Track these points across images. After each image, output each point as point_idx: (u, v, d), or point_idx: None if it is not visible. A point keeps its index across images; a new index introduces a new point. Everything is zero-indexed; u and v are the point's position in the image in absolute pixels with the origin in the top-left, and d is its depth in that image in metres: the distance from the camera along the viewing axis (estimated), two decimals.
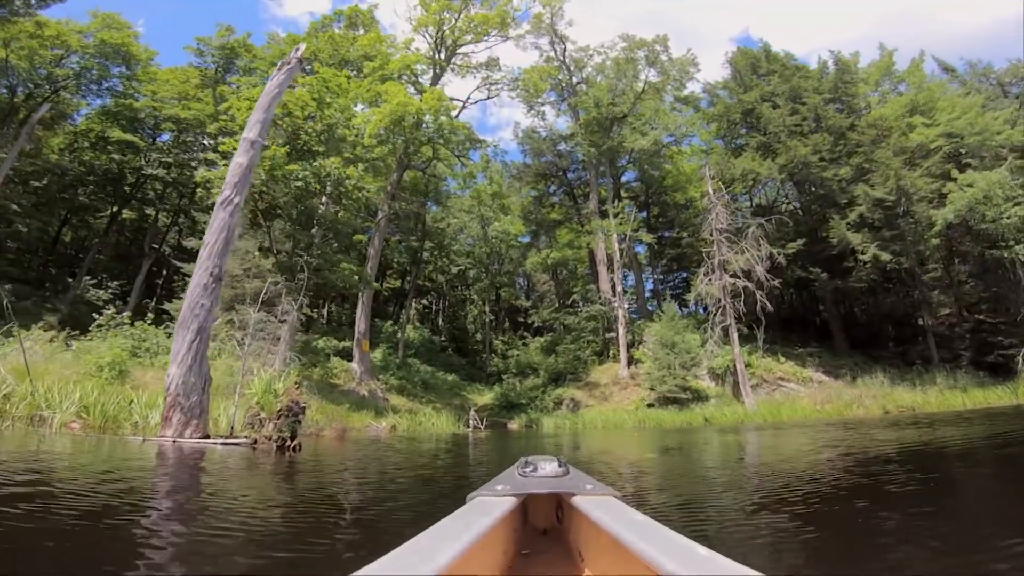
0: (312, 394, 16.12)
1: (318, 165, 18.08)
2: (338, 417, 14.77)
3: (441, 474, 6.47)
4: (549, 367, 27.34)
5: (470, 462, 8.27)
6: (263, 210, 18.75)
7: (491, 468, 6.63)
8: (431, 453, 9.71)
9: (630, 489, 4.55)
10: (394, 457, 8.56)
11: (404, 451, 9.85)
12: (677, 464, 7.56)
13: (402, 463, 7.68)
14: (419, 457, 8.79)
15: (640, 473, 6.40)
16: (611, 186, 33.11)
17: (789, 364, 23.67)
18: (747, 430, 15.31)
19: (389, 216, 25.65)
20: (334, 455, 8.54)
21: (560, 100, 35.55)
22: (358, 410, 16.82)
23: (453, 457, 9.19)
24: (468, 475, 6.49)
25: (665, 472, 6.68)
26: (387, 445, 10.99)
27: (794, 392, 22.20)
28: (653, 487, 5.16)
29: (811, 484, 4.60)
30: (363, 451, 9.40)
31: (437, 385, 29.11)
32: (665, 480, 5.86)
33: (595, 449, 10.63)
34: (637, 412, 21.74)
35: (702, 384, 23.29)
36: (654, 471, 6.65)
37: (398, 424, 16.15)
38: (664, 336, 22.79)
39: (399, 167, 26.82)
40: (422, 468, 7.03)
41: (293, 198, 18.48)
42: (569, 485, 1.61)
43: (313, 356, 22.12)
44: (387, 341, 33.66)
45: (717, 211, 23.95)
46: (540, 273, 42.43)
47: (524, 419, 23.21)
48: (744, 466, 6.85)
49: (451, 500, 2.43)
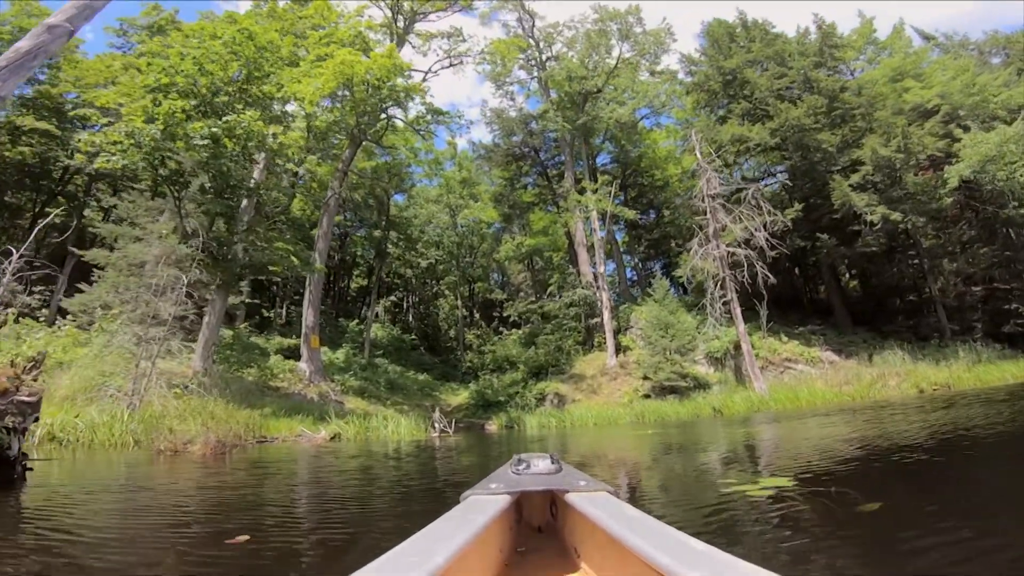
0: (223, 396, 12.08)
1: (231, 120, 14.05)
2: (254, 425, 10.79)
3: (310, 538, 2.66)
4: (529, 360, 23.62)
5: (403, 493, 4.51)
6: (168, 178, 14.59)
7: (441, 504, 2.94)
8: (355, 475, 5.92)
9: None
10: (265, 486, 4.74)
11: (309, 473, 6.04)
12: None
13: (238, 502, 3.88)
14: (321, 485, 5.01)
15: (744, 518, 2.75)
16: (586, 167, 29.66)
17: (793, 344, 20.44)
18: (771, 420, 11.87)
19: (341, 196, 21.52)
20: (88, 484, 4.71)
21: (530, 78, 32.05)
22: (294, 415, 12.85)
23: (387, 484, 5.41)
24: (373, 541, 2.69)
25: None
26: (289, 461, 7.13)
27: (804, 374, 18.93)
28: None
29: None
30: (194, 475, 5.56)
31: (406, 385, 25.15)
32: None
33: (604, 458, 6.97)
34: (632, 405, 18.16)
35: (699, 370, 19.87)
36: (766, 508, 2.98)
37: (344, 431, 12.22)
38: (658, 317, 19.29)
39: (352, 143, 22.86)
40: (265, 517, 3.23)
41: (204, 162, 14.39)
42: (563, 482, 1.52)
43: (246, 354, 17.96)
44: (352, 341, 29.63)
45: (708, 176, 20.63)
46: (514, 263, 38.75)
47: (503, 419, 19.44)
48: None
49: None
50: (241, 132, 14.54)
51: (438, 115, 24.35)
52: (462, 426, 20.13)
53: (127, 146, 14.00)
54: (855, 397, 16.07)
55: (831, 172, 22.22)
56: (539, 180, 31.17)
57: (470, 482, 1.67)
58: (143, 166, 14.55)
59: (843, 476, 3.93)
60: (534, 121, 30.87)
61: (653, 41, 30.51)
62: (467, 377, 28.22)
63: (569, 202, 24.54)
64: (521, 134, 30.00)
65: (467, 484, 1.67)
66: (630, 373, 20.66)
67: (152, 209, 16.89)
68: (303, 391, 17.34)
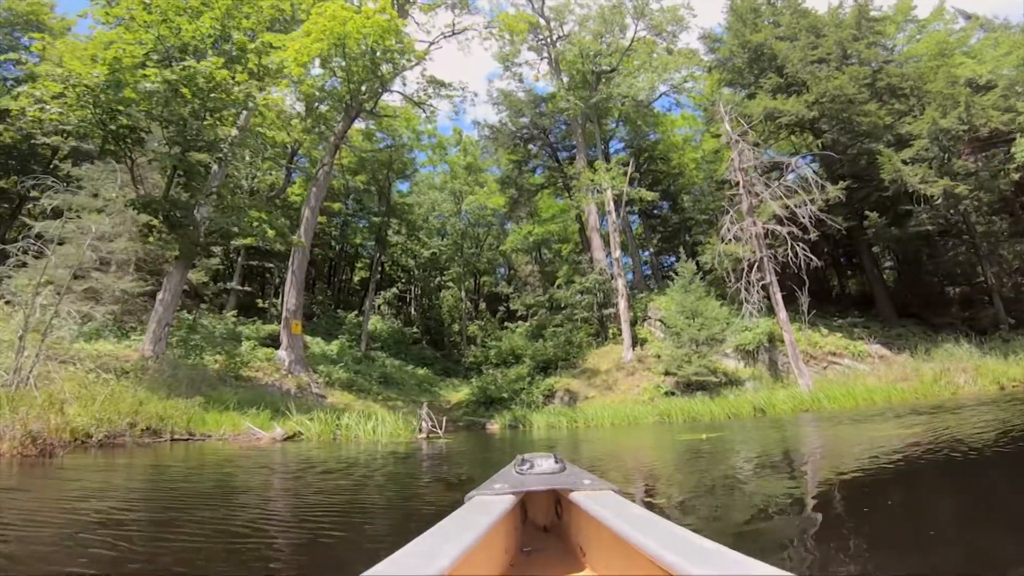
0: (169, 384, 9.51)
1: (190, 67, 11.48)
2: (182, 418, 8.17)
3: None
4: (536, 353, 20.87)
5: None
6: (118, 135, 12.02)
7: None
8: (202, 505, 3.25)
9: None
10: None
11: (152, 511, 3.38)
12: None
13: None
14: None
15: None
16: (600, 152, 26.89)
17: (835, 337, 17.56)
18: (848, 421, 9.10)
19: (339, 176, 18.93)
20: None
21: (540, 58, 29.39)
22: (256, 408, 10.22)
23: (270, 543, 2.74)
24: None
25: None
26: (144, 473, 4.48)
27: (851, 370, 16.06)
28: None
29: None
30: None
31: (402, 380, 22.51)
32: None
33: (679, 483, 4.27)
34: (654, 403, 15.38)
35: (728, 365, 17.03)
36: None
37: (307, 429, 9.55)
38: (683, 304, 16.50)
39: (346, 115, 20.31)
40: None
41: (159, 116, 11.84)
42: (567, 481, 1.47)
43: (210, 339, 15.39)
44: (350, 333, 27.09)
45: (741, 148, 17.85)
46: (521, 256, 36.05)
47: (507, 418, 16.75)
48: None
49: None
50: (202, 81, 12.01)
51: (439, 87, 21.82)
52: (461, 425, 17.45)
53: (72, 99, 11.50)
54: (920, 395, 13.19)
55: (878, 147, 19.35)
56: (549, 162, 28.40)
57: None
58: (92, 121, 12.00)
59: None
60: (544, 103, 28.22)
61: (670, 18, 27.75)
62: (470, 373, 25.56)
63: (582, 181, 21.78)
64: (530, 115, 27.30)
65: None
66: (649, 368, 17.86)
67: (105, 173, 14.36)
68: (279, 382, 14.73)
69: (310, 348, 22.46)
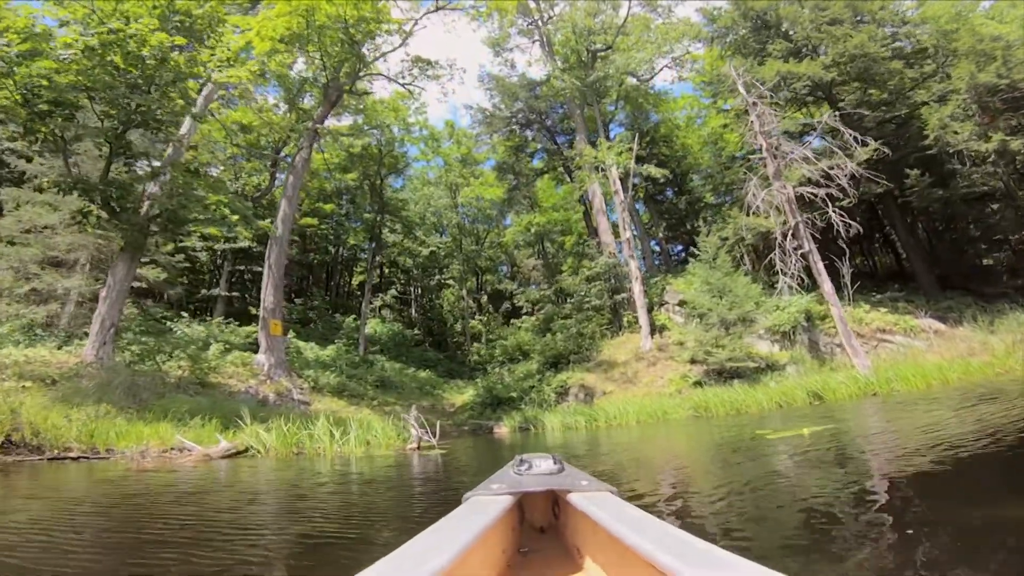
0: (105, 391, 7.29)
1: (116, 29, 9.30)
2: (81, 431, 5.94)
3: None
4: (545, 348, 18.58)
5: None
6: (45, 113, 9.81)
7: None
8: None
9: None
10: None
11: None
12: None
13: None
14: None
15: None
16: (600, 133, 24.66)
17: (879, 313, 15.21)
18: (953, 405, 6.78)
19: (308, 155, 16.77)
20: None
21: (531, 41, 27.19)
22: (205, 418, 7.97)
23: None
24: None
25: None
26: None
27: (907, 347, 13.70)
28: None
29: None
30: None
31: (403, 384, 20.22)
32: None
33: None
34: (683, 395, 13.08)
35: (761, 349, 14.69)
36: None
37: (264, 441, 7.27)
38: (709, 282, 14.19)
39: (326, 99, 18.16)
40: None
41: (81, 84, 9.65)
42: (565, 482, 1.42)
43: (172, 343, 13.13)
44: (348, 337, 24.90)
45: (760, 111, 15.61)
46: (523, 252, 33.77)
47: (517, 419, 14.46)
48: None
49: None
50: (134, 46, 9.85)
51: (426, 66, 19.69)
52: (466, 430, 15.16)
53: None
54: (998, 370, 10.82)
55: (909, 107, 17.13)
56: (548, 144, 26.13)
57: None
58: (11, 99, 9.83)
59: None
60: (538, 87, 26.02)
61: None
62: (475, 373, 23.28)
63: (584, 158, 19.50)
64: (524, 99, 25.08)
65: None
66: (672, 356, 15.54)
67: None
68: (256, 389, 12.48)
69: (303, 354, 20.26)
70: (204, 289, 23.20)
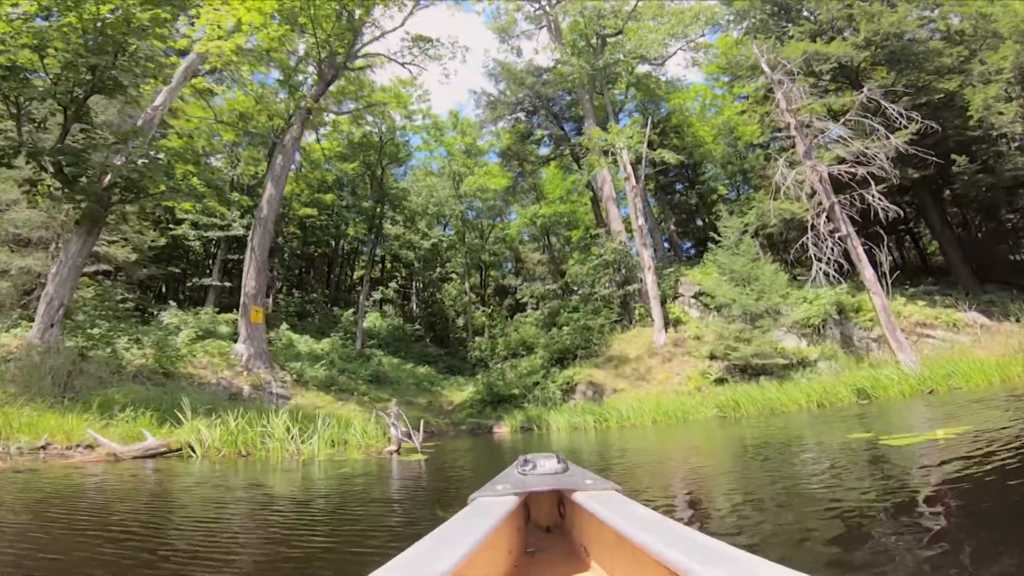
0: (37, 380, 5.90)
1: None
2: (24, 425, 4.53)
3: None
4: (551, 343, 17.10)
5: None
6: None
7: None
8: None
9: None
10: None
11: None
12: None
13: None
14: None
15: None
16: (610, 118, 23.15)
17: (917, 306, 13.62)
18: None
19: (299, 135, 15.39)
20: None
21: (537, 27, 25.72)
22: (150, 410, 6.58)
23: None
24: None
25: None
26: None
27: (950, 343, 12.10)
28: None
29: None
30: None
31: (399, 379, 18.81)
32: None
33: None
34: (702, 393, 11.56)
35: (787, 344, 13.13)
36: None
37: (208, 439, 5.84)
38: (733, 269, 12.66)
39: (320, 78, 16.78)
40: None
41: (32, 44, 8.30)
42: (570, 481, 1.38)
43: (129, 325, 11.73)
44: (346, 331, 23.57)
45: (786, 89, 14.08)
46: (528, 247, 32.29)
47: (519, 418, 12.99)
48: None
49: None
50: (92, 5, 8.51)
51: (426, 44, 18.29)
52: (464, 429, 13.71)
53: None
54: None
55: (951, 87, 15.54)
56: (554, 130, 24.59)
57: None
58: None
59: None
60: (545, 73, 24.56)
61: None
62: (476, 369, 21.81)
63: (593, 142, 17.99)
64: (531, 84, 23.60)
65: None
66: (689, 352, 14.01)
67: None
68: (230, 380, 11.07)
69: (296, 346, 18.91)
70: (196, 278, 21.85)
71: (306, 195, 27.27)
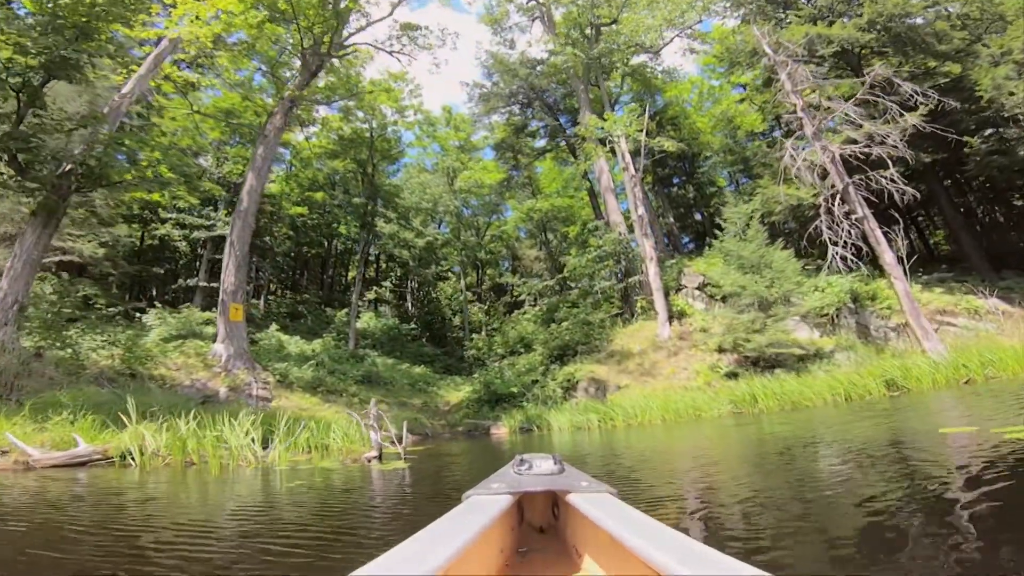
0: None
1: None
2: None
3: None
4: (550, 338, 16.21)
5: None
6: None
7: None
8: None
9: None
10: None
11: None
12: None
13: None
14: None
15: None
16: (606, 108, 22.31)
17: (934, 294, 12.80)
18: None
19: (282, 126, 14.48)
20: None
21: (530, 19, 24.88)
22: (100, 414, 5.66)
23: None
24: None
25: None
26: None
27: (973, 330, 11.28)
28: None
29: None
30: None
31: (393, 379, 17.83)
32: None
33: None
34: (713, 389, 10.69)
35: (799, 335, 12.26)
36: None
37: (148, 448, 4.93)
38: (742, 255, 11.80)
39: (304, 68, 15.89)
40: None
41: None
42: (565, 483, 1.36)
43: (92, 324, 10.77)
44: (339, 332, 22.68)
45: (790, 69, 13.28)
46: (525, 245, 31.41)
47: (518, 418, 12.07)
48: None
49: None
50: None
51: (414, 32, 17.43)
52: (460, 431, 12.80)
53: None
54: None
55: (955, 68, 14.82)
56: (549, 120, 23.71)
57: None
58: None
59: None
60: (539, 65, 23.72)
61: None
62: (474, 367, 20.88)
63: (590, 130, 17.12)
64: (525, 76, 22.76)
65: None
66: (695, 345, 13.15)
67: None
68: (205, 382, 10.13)
69: (286, 348, 17.96)
70: (183, 279, 20.86)
71: (296, 194, 26.35)
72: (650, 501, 2.58)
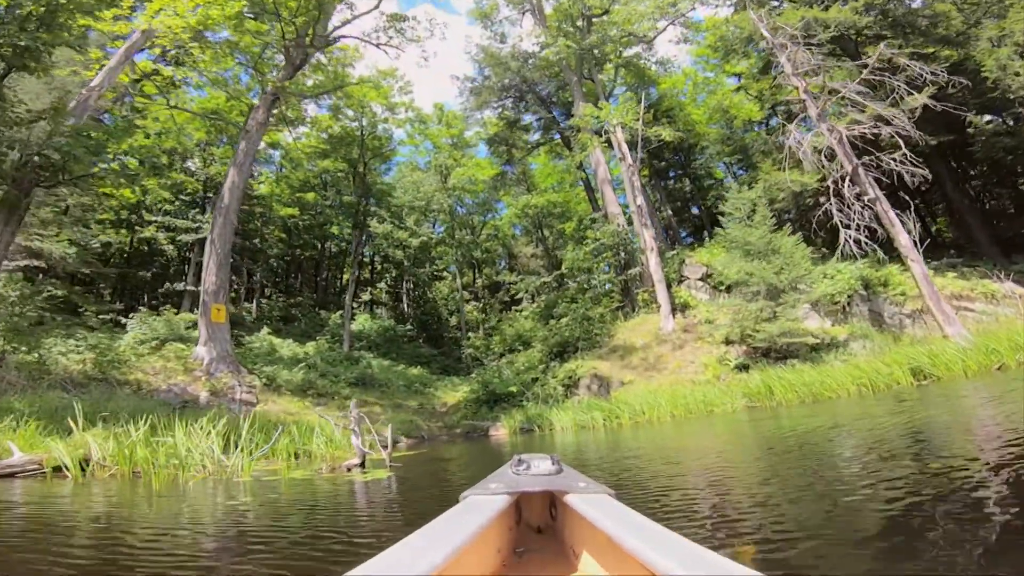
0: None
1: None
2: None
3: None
4: (549, 334, 15.55)
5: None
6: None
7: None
8: None
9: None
10: None
11: None
12: None
13: None
14: None
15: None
16: (600, 97, 21.67)
17: (947, 278, 12.21)
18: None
19: (264, 121, 13.77)
20: None
21: (520, 12, 24.24)
22: (53, 421, 4.96)
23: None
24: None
25: None
26: None
27: (992, 315, 10.69)
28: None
29: None
30: None
31: (388, 381, 17.11)
32: None
33: None
34: (723, 382, 10.04)
35: (809, 324, 11.64)
36: None
37: (90, 458, 4.23)
38: (749, 241, 11.17)
39: (288, 62, 15.20)
40: None
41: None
42: (562, 483, 1.33)
43: (61, 326, 10.05)
44: (333, 334, 21.97)
45: (790, 52, 12.70)
46: (522, 242, 30.75)
47: (518, 418, 11.38)
48: None
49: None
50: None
51: (401, 22, 16.76)
52: (458, 433, 12.11)
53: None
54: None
55: (956, 59, 14.28)
56: (543, 112, 23.05)
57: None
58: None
59: None
60: (531, 58, 23.08)
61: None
62: (472, 368, 20.18)
63: (585, 120, 16.49)
64: (516, 69, 22.11)
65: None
66: (701, 337, 12.51)
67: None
68: (184, 386, 9.40)
69: (278, 351, 17.23)
70: (170, 283, 20.07)
71: (287, 195, 25.62)
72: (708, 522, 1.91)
